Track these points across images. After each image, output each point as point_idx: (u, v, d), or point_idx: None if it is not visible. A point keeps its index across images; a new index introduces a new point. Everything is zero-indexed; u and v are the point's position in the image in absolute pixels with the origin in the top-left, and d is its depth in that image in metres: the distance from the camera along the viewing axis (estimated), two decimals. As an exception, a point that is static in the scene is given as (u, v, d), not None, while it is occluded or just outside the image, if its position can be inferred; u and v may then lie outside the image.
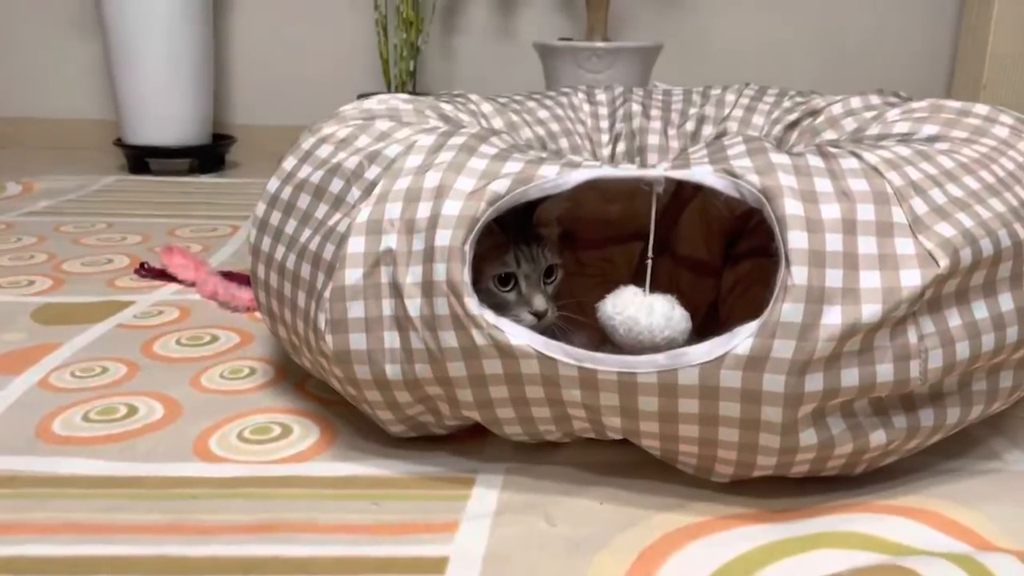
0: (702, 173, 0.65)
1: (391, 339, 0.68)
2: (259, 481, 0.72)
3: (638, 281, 0.72)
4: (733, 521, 0.66)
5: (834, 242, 0.61)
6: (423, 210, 0.68)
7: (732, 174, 0.65)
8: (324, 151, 0.80)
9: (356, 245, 0.69)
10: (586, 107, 1.20)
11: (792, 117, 1.09)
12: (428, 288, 0.66)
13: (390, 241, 0.68)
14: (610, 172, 0.67)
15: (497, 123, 1.04)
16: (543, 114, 1.13)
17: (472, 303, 0.64)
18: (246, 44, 2.48)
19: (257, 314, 1.13)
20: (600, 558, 0.61)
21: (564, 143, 1.12)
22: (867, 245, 0.62)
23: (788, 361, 0.60)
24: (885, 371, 0.62)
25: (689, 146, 1.15)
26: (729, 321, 0.65)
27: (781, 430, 0.62)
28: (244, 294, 1.15)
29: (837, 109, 1.05)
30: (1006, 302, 0.67)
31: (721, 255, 0.95)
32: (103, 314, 1.12)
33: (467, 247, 0.65)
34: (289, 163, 0.82)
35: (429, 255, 0.66)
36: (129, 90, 2.14)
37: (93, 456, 0.75)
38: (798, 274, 0.60)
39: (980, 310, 0.65)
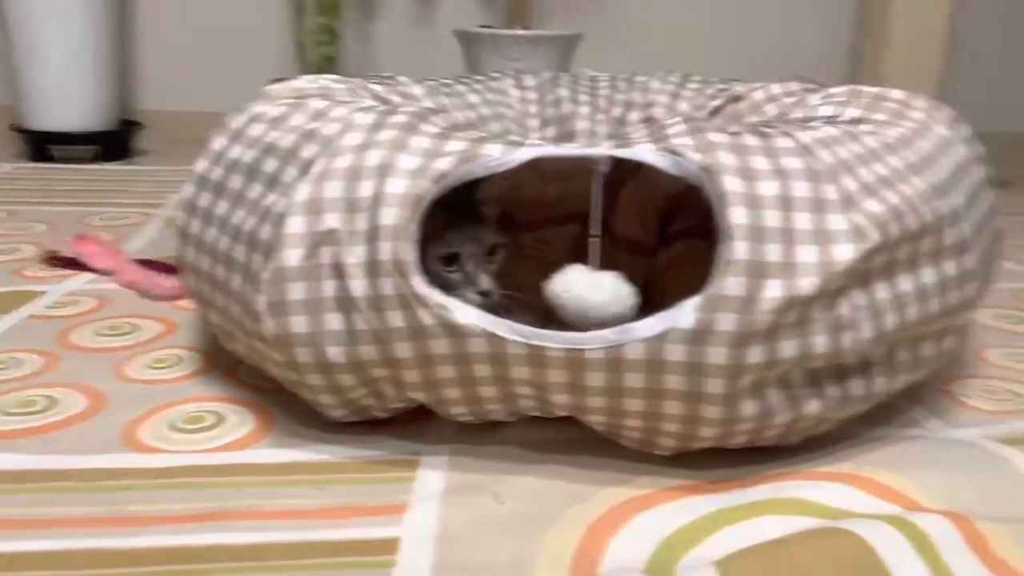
0: (644, 151, 0.67)
1: (334, 321, 0.67)
2: (197, 470, 0.70)
3: (575, 262, 0.72)
4: (676, 493, 0.67)
5: (772, 218, 0.63)
6: (365, 189, 0.67)
7: (674, 152, 0.66)
8: (256, 130, 0.77)
9: (296, 225, 0.68)
10: (515, 92, 1.21)
11: (716, 103, 1.12)
12: (373, 268, 0.65)
13: (332, 221, 0.67)
14: (555, 150, 0.67)
15: (428, 106, 1.03)
16: (473, 98, 1.13)
17: (419, 283, 0.64)
18: (154, 26, 2.38)
19: (180, 302, 1.09)
20: (550, 534, 0.62)
21: (495, 127, 1.12)
22: (803, 221, 0.64)
23: (730, 334, 0.61)
24: (820, 342, 0.64)
25: (616, 131, 1.17)
26: (663, 300, 0.66)
27: (723, 401, 0.64)
28: (165, 282, 1.11)
29: (759, 95, 1.08)
30: (928, 275, 0.70)
31: (656, 235, 0.97)
32: (12, 304, 1.06)
33: (413, 226, 0.65)
34: (219, 143, 0.80)
35: (373, 235, 0.65)
36: (28, 72, 2.02)
37: (14, 451, 0.72)
38: (739, 249, 0.62)
39: (905, 283, 0.68)
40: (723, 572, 0.55)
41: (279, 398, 0.82)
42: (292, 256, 0.67)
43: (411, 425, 0.77)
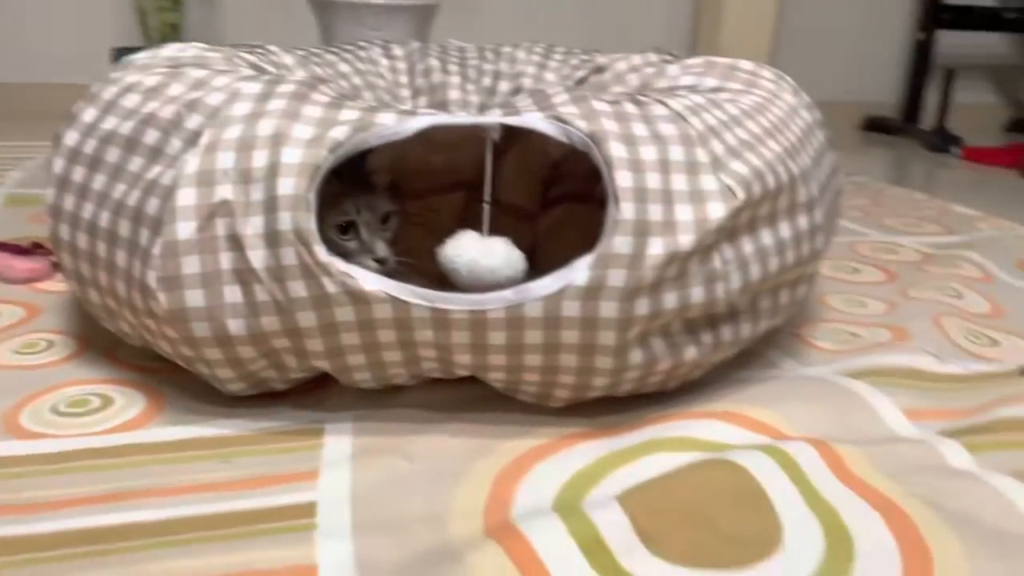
0: (534, 119, 0.70)
1: (232, 293, 0.67)
2: (92, 453, 0.68)
3: (462, 229, 0.75)
4: (573, 440, 0.72)
5: (653, 180, 0.68)
6: (259, 159, 0.67)
7: (561, 120, 0.70)
8: (131, 101, 0.75)
9: (186, 197, 0.67)
10: (384, 62, 1.21)
11: (581, 74, 1.16)
12: (273, 238, 0.65)
13: (225, 192, 0.66)
14: (447, 119, 0.70)
15: (300, 76, 1.02)
16: (344, 68, 1.13)
17: (321, 251, 0.65)
18: (-31, -11, 2.19)
19: (39, 284, 1.04)
20: (461, 487, 0.65)
21: (368, 97, 1.12)
22: (679, 182, 0.69)
23: (620, 289, 0.66)
24: (697, 293, 0.70)
25: (487, 101, 1.20)
26: (546, 263, 0.71)
27: (614, 352, 0.69)
28: (20, 264, 1.05)
29: (621, 66, 1.13)
30: (784, 230, 0.78)
31: (538, 201, 1.01)
32: None
33: (311, 195, 0.65)
34: (89, 114, 0.76)
35: (271, 205, 0.65)
36: None
37: None
38: (626, 210, 0.66)
39: (766, 237, 0.76)
40: (624, 504, 0.61)
41: (167, 376, 0.80)
42: (184, 229, 0.66)
43: (310, 395, 0.78)
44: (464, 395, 0.78)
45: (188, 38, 2.24)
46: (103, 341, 0.87)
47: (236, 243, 0.66)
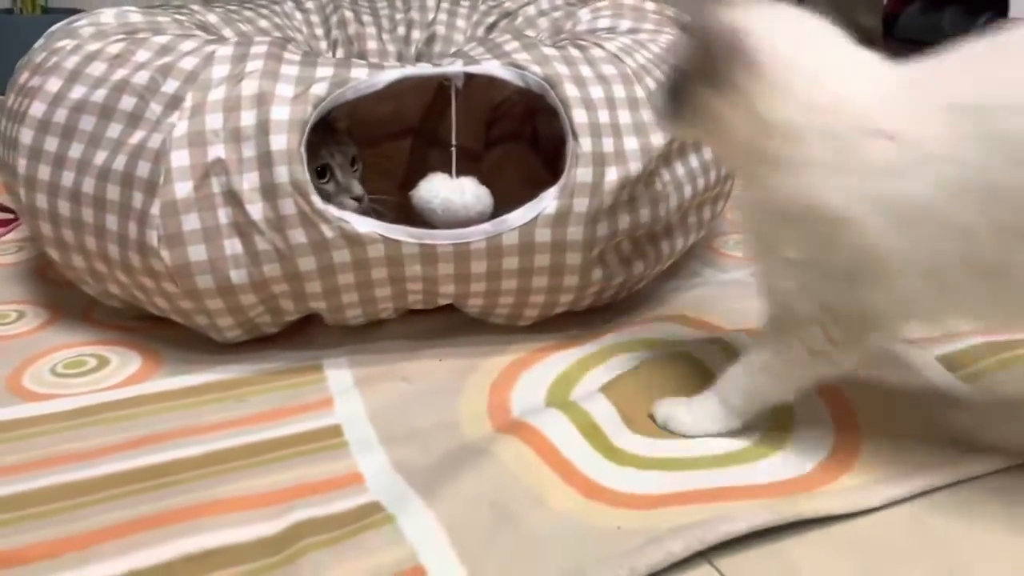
0: (492, 67, 0.77)
1: (232, 246, 0.72)
2: (109, 406, 0.72)
3: (412, 173, 0.82)
4: (546, 352, 0.81)
5: (604, 116, 0.77)
6: (247, 118, 0.71)
7: (518, 66, 0.77)
8: (97, 69, 0.77)
9: (180, 159, 0.71)
10: (298, 15, 1.24)
11: (491, 19, 1.23)
12: (270, 191, 0.71)
13: (217, 151, 0.71)
14: (414, 71, 0.76)
15: (228, 33, 1.05)
16: (264, 24, 1.15)
17: (318, 199, 0.71)
18: None
19: (-19, 260, 1.03)
20: (462, 399, 0.73)
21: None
22: (625, 116, 0.79)
23: (584, 214, 0.76)
24: (645, 214, 0.81)
25: (403, 50, 1.25)
26: (494, 199, 0.79)
27: (579, 271, 0.79)
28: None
29: (531, 11, 1.21)
30: (707, 153, 0.89)
31: (482, 142, 1.09)
32: None
33: (302, 149, 0.71)
34: (53, 84, 0.78)
35: (266, 160, 0.71)
36: None
37: None
38: (584, 144, 0.76)
39: (694, 160, 0.87)
40: (607, 393, 0.71)
41: (153, 332, 0.84)
42: (182, 188, 0.71)
43: (298, 337, 0.84)
44: (441, 324, 0.86)
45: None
46: (75, 306, 0.90)
47: (234, 198, 0.71)
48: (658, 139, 0.80)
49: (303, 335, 0.84)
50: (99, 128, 0.75)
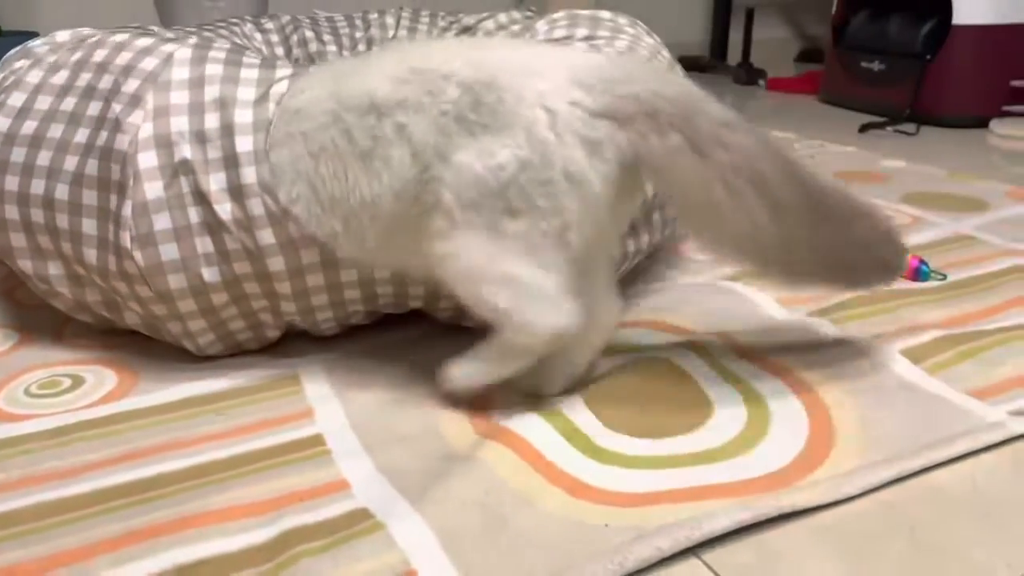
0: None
1: (203, 244, 0.73)
2: (89, 424, 0.72)
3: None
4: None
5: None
6: (211, 121, 0.72)
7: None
8: (60, 78, 0.78)
9: (148, 160, 0.71)
10: (258, 35, 1.25)
11: (450, 35, 1.25)
12: (237, 192, 0.72)
13: (184, 151, 0.72)
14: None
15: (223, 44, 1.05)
16: (223, 44, 1.16)
17: (285, 198, 0.72)
18: None
19: (-58, 283, 1.02)
20: (445, 399, 0.74)
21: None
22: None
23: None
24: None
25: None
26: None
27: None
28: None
29: (490, 25, 1.24)
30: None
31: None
32: None
33: (268, 149, 0.72)
34: (17, 99, 0.78)
35: (232, 161, 0.71)
36: None
37: None
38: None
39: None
40: (585, 399, 0.73)
41: (126, 351, 0.84)
42: (152, 189, 0.71)
43: (272, 348, 0.84)
44: (414, 333, 0.87)
45: (8, 18, 2.11)
46: (45, 327, 0.89)
47: (202, 198, 0.72)
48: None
49: (277, 346, 0.84)
50: (67, 134, 0.75)
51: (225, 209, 0.72)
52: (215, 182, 0.71)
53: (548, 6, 2.53)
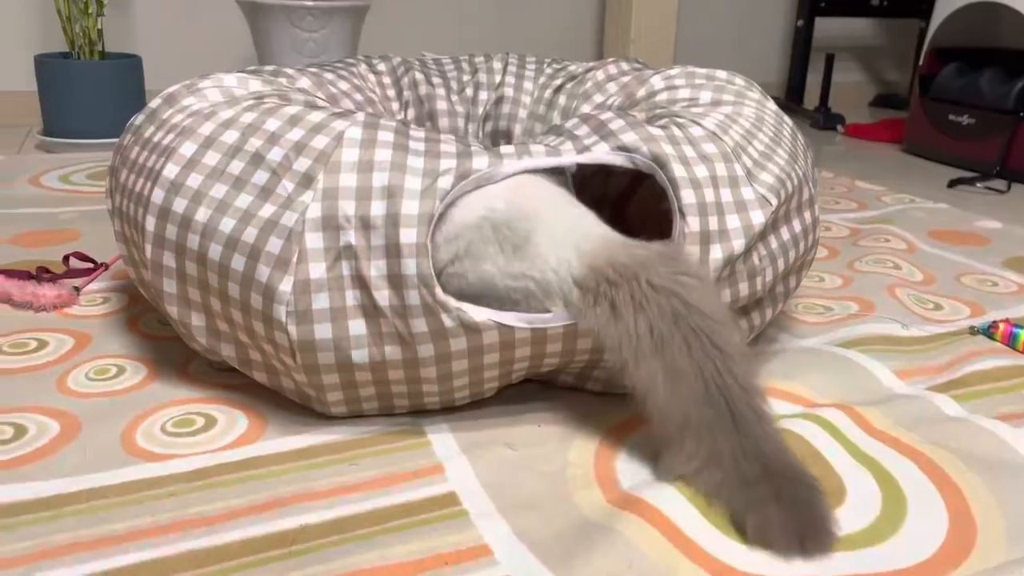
0: (603, 154, 0.80)
1: (357, 326, 0.74)
2: (227, 468, 0.74)
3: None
4: (643, 419, 0.83)
5: (709, 195, 0.80)
6: (377, 208, 0.73)
7: (626, 149, 0.80)
8: (230, 137, 0.80)
9: (315, 241, 0.73)
10: (371, 77, 1.27)
11: (557, 82, 1.27)
12: (396, 281, 0.73)
13: (348, 237, 0.73)
14: (532, 163, 0.79)
15: (320, 96, 1.07)
16: (344, 86, 1.19)
17: (440, 291, 0.73)
18: None
19: (68, 310, 1.05)
20: (569, 468, 0.75)
21: (370, 111, 1.19)
22: (726, 195, 0.81)
23: (690, 289, 0.78)
24: (743, 288, 0.83)
25: (471, 111, 1.28)
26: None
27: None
28: (47, 291, 1.06)
29: (600, 75, 1.24)
30: (796, 226, 0.91)
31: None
32: None
33: (429, 242, 0.73)
34: (187, 148, 0.80)
35: (394, 251, 0.72)
36: None
37: (19, 480, 0.71)
38: (692, 223, 0.78)
39: (785, 234, 0.89)
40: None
41: (252, 392, 0.86)
42: (316, 269, 0.73)
43: (396, 400, 0.85)
44: (535, 388, 0.87)
45: (108, 44, 2.19)
46: (169, 360, 0.92)
47: (362, 283, 0.73)
48: (759, 217, 0.82)
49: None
50: (229, 197, 0.77)
51: (383, 296, 0.73)
52: (375, 268, 0.73)
53: (626, 43, 2.54)
